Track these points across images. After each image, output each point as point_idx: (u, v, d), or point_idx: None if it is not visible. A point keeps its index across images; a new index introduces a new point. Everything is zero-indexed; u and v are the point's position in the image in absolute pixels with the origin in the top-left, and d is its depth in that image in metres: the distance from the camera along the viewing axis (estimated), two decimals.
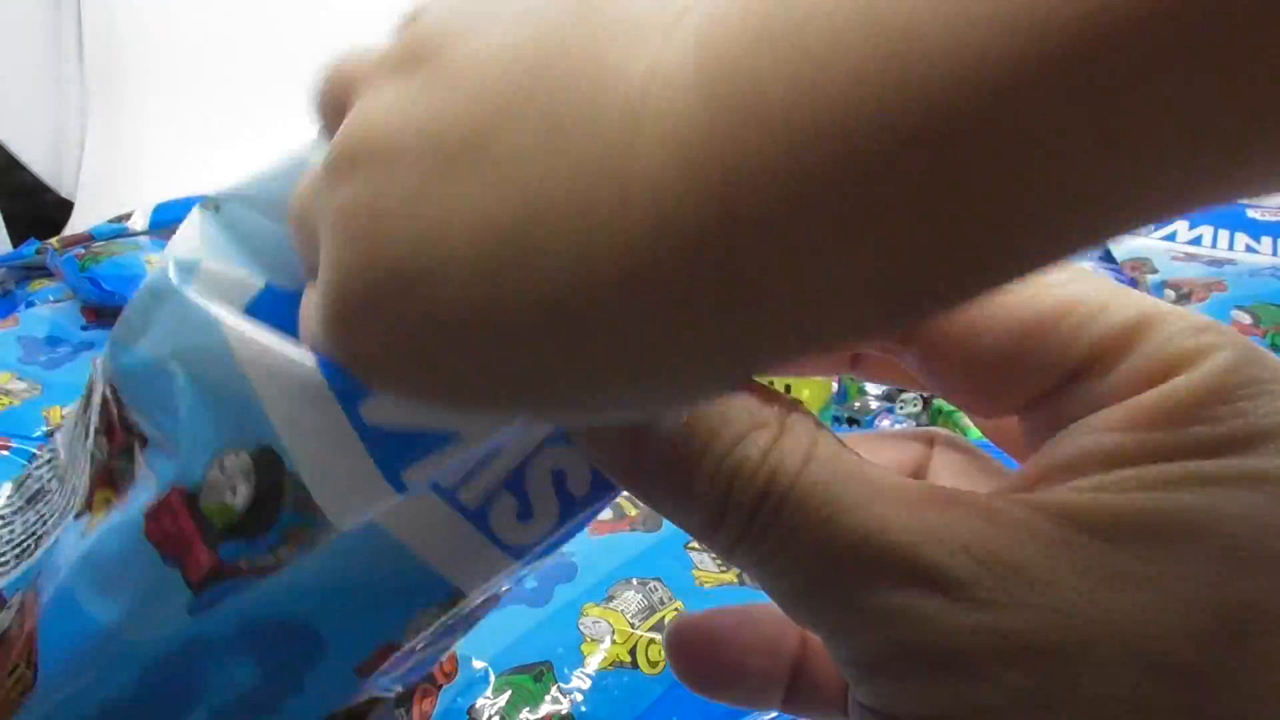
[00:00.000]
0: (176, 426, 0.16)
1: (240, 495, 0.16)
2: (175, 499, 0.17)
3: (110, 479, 0.18)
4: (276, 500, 0.16)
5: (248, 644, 0.18)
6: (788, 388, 0.63)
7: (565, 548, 0.42)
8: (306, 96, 0.19)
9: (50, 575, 0.18)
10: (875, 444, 0.21)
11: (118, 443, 0.18)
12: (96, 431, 0.18)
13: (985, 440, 0.52)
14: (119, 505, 0.17)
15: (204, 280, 0.17)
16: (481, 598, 0.20)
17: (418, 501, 0.17)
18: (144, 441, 0.17)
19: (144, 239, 0.79)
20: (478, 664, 0.36)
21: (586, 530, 0.43)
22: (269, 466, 0.16)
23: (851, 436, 0.19)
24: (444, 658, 0.37)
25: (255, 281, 0.17)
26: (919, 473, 0.21)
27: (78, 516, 0.18)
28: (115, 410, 0.17)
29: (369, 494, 0.16)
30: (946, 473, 0.21)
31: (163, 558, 0.17)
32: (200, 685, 0.18)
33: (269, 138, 1.07)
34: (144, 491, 0.17)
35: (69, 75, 1.04)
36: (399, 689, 0.22)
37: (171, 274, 0.17)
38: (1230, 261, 0.76)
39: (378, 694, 0.22)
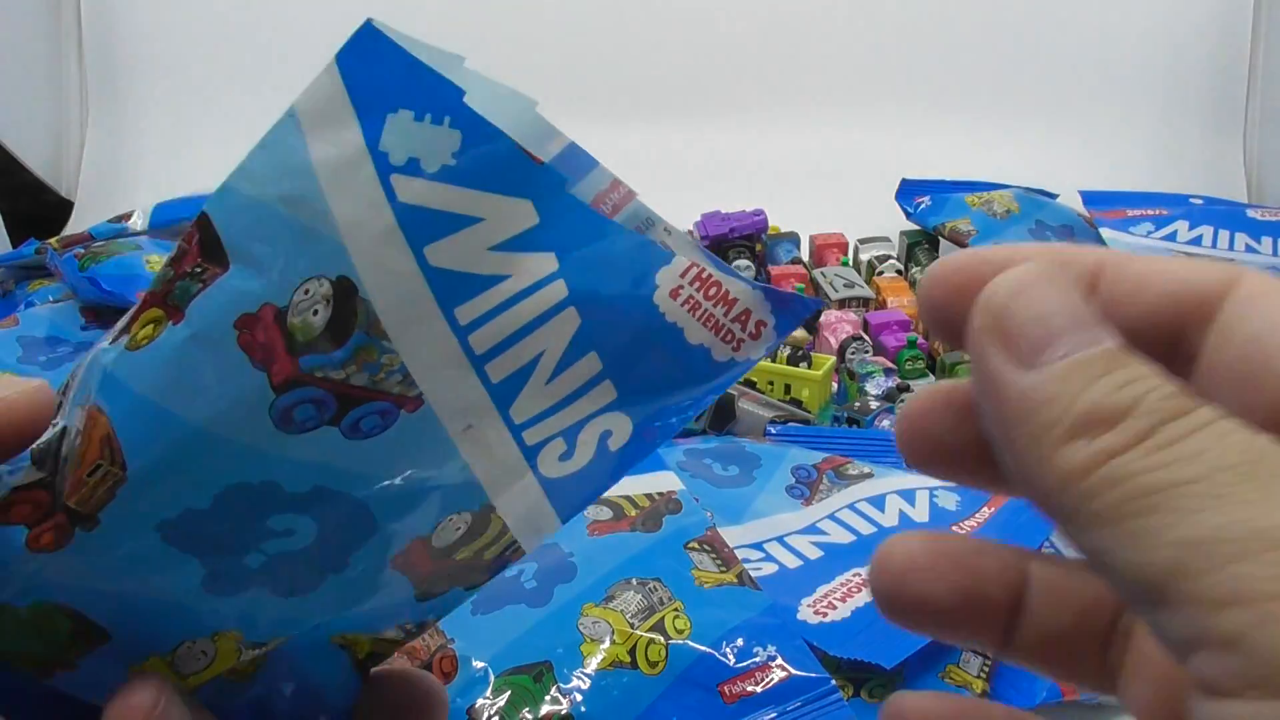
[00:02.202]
0: (274, 254, 0.20)
1: (320, 315, 0.20)
2: (267, 314, 0.20)
3: (166, 301, 0.20)
4: (350, 321, 0.20)
5: (315, 504, 0.21)
6: (788, 388, 0.63)
7: (565, 547, 0.43)
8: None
9: (103, 390, 0.21)
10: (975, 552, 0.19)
11: (183, 269, 0.20)
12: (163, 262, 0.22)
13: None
14: (177, 323, 0.20)
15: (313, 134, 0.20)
16: (496, 543, 0.23)
17: (485, 432, 0.21)
18: (226, 266, 0.20)
19: (144, 239, 0.79)
20: (477, 664, 0.36)
21: (586, 530, 0.44)
22: (346, 293, 0.20)
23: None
24: (439, 651, 0.37)
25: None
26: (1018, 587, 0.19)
27: (113, 341, 0.21)
28: (199, 237, 0.20)
29: (428, 323, 0.20)
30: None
31: (251, 363, 0.20)
32: (264, 526, 0.21)
33: None
34: (215, 310, 0.20)
35: (69, 75, 1.04)
36: (404, 634, 0.25)
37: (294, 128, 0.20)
38: (1230, 261, 0.76)
39: (390, 633, 0.25)
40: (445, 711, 0.26)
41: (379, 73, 0.20)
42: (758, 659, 0.37)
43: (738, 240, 0.86)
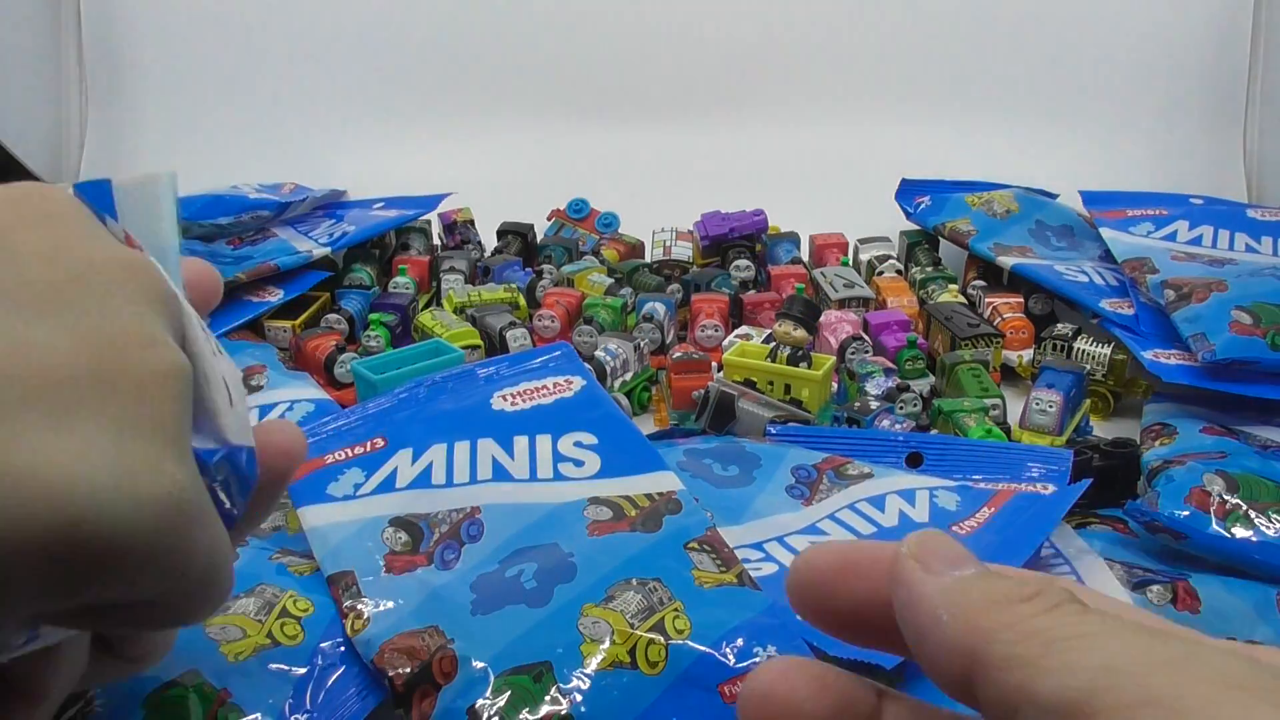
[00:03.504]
0: None
1: None
2: None
3: None
4: None
5: None
6: (788, 388, 0.63)
7: (565, 548, 0.43)
8: (297, 97, 0.21)
9: None
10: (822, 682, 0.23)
11: None
12: None
13: (984, 441, 0.53)
14: None
15: None
16: None
17: None
18: None
19: None
20: (477, 664, 0.36)
21: (586, 530, 0.43)
22: None
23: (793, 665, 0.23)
24: (439, 651, 0.37)
25: None
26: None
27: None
28: None
29: None
30: None
31: None
32: None
33: (267, 138, 1.06)
34: None
35: (69, 75, 1.04)
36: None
37: None
38: (1230, 261, 0.76)
39: None
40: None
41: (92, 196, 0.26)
42: (758, 659, 0.37)
43: (738, 240, 0.86)
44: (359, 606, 0.39)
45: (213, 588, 0.24)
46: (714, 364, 0.68)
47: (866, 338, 0.69)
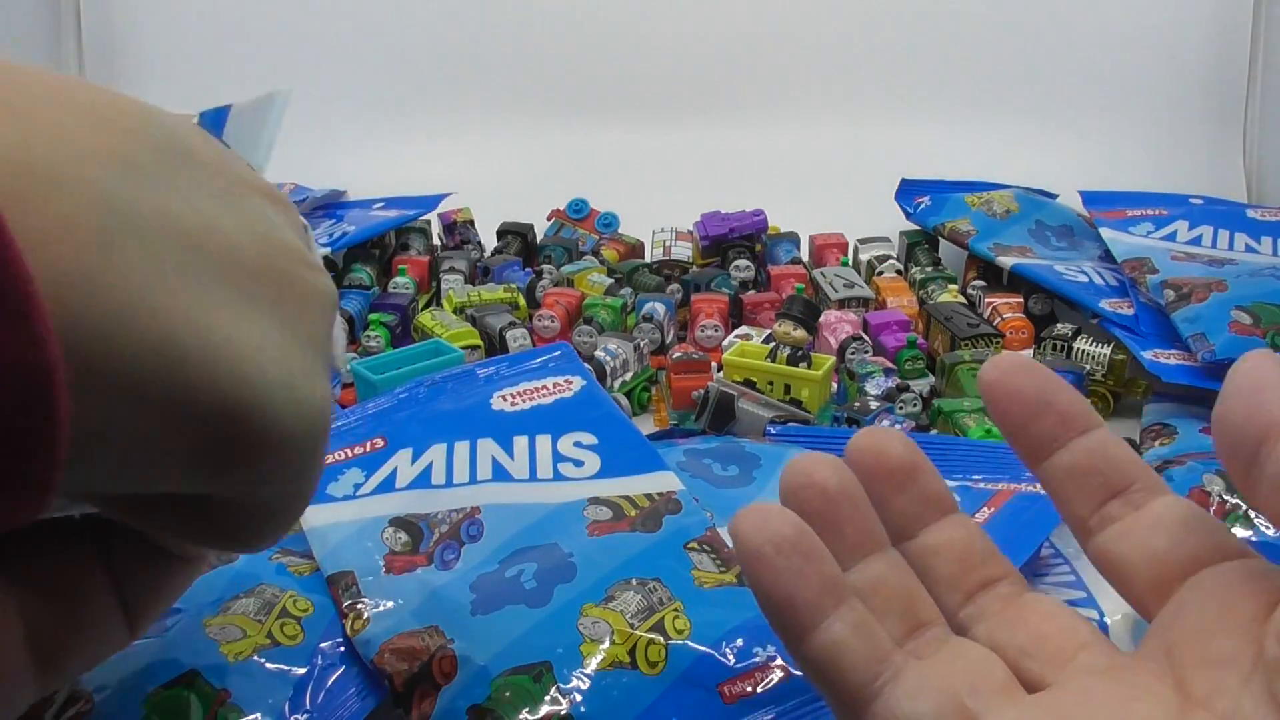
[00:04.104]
0: None
1: None
2: None
3: None
4: None
5: None
6: (788, 388, 0.63)
7: (565, 548, 0.43)
8: (298, 97, 0.23)
9: None
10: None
11: None
12: None
13: (984, 441, 0.53)
14: None
15: None
16: None
17: None
18: None
19: None
20: (476, 664, 0.36)
21: (586, 530, 0.44)
22: None
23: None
24: (439, 651, 0.37)
25: None
26: None
27: None
28: None
29: None
30: None
31: None
32: None
33: None
34: None
35: (68, 74, 1.04)
36: None
37: None
38: (1230, 261, 0.76)
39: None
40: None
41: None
42: (758, 659, 0.37)
43: (738, 240, 0.86)
44: (359, 606, 0.39)
45: (300, 511, 0.26)
46: (714, 364, 0.68)
47: (866, 338, 0.69)
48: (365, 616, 0.39)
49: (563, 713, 0.35)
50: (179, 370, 0.20)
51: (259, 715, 0.35)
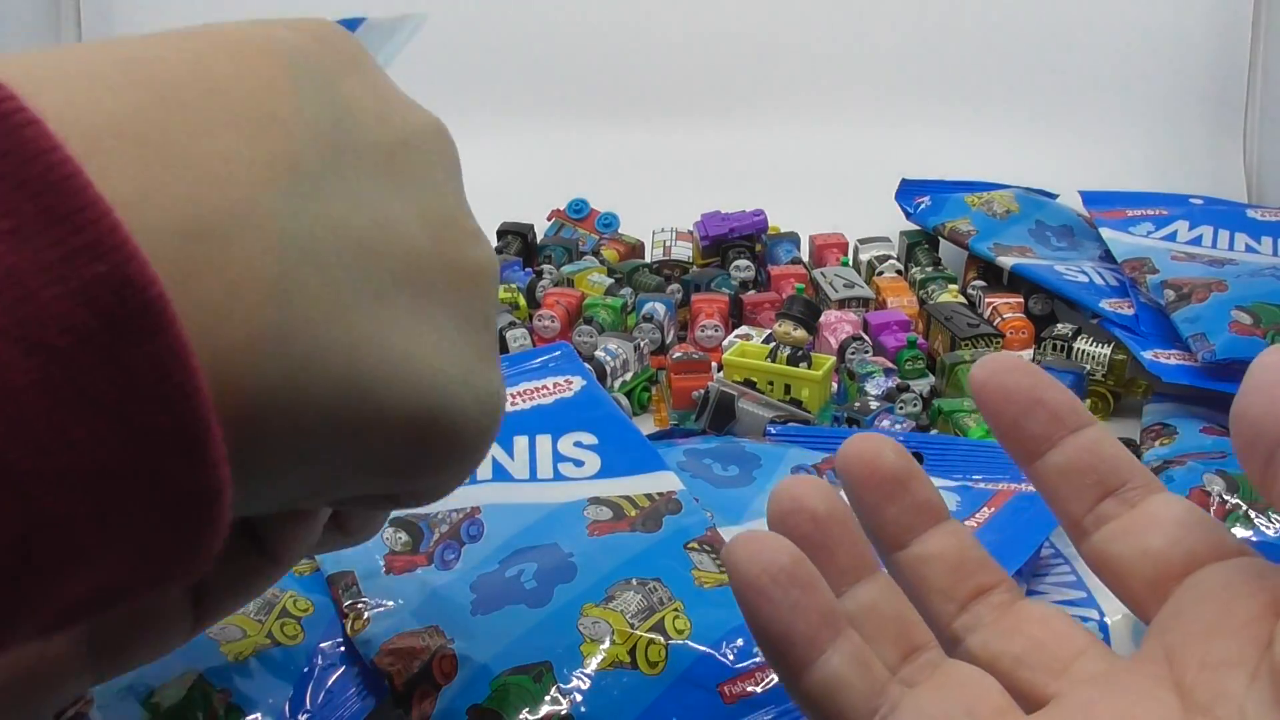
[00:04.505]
0: None
1: None
2: None
3: None
4: None
5: None
6: (788, 388, 0.63)
7: (565, 548, 0.43)
8: None
9: None
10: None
11: None
12: None
13: (984, 441, 0.53)
14: None
15: None
16: None
17: None
18: None
19: None
20: (477, 664, 0.36)
21: (586, 530, 0.44)
22: None
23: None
24: (439, 651, 0.37)
25: None
26: None
27: None
28: None
29: None
30: None
31: None
32: None
33: None
34: None
35: None
36: None
37: None
38: (1230, 261, 0.75)
39: None
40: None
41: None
42: (758, 659, 0.37)
43: (738, 240, 0.85)
44: (359, 606, 0.39)
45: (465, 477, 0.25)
46: (714, 364, 0.68)
47: (866, 338, 0.69)
48: (365, 616, 0.39)
49: (563, 713, 0.35)
50: (365, 399, 0.19)
51: (259, 715, 0.36)
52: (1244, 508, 0.48)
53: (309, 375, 0.18)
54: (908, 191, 0.90)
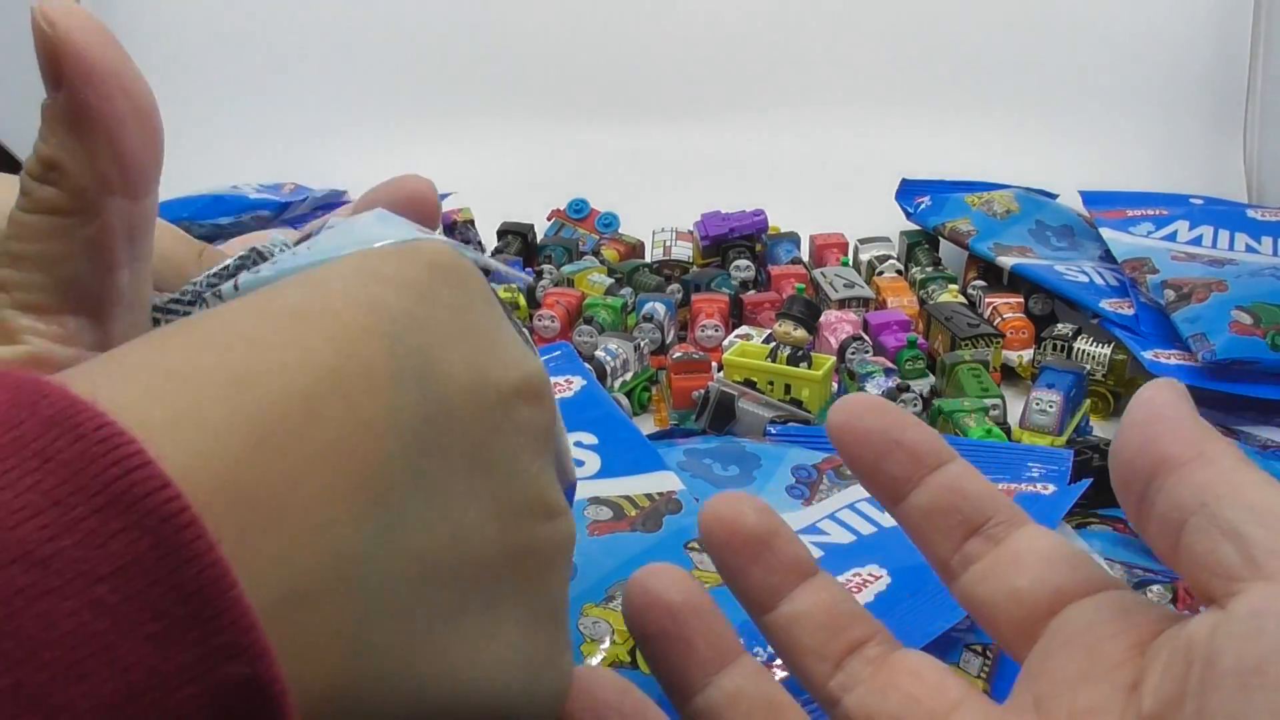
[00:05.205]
0: None
1: None
2: None
3: None
4: None
5: None
6: (788, 388, 0.63)
7: None
8: (297, 97, 0.21)
9: None
10: None
11: None
12: None
13: (984, 441, 0.53)
14: None
15: None
16: None
17: None
18: None
19: None
20: None
21: (586, 530, 0.43)
22: None
23: None
24: None
25: None
26: None
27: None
28: None
29: None
30: None
31: None
32: None
33: (267, 138, 1.06)
34: None
35: None
36: None
37: None
38: (1230, 261, 0.76)
39: None
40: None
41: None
42: (758, 659, 0.36)
43: (738, 240, 0.86)
44: None
45: None
46: (714, 364, 0.68)
47: (866, 338, 0.69)
48: None
49: None
50: (427, 713, 0.19)
51: None
52: None
53: (372, 704, 0.18)
54: (908, 191, 0.90)
